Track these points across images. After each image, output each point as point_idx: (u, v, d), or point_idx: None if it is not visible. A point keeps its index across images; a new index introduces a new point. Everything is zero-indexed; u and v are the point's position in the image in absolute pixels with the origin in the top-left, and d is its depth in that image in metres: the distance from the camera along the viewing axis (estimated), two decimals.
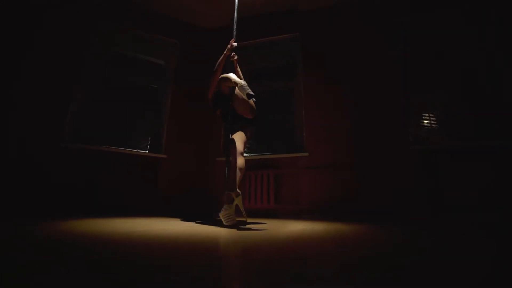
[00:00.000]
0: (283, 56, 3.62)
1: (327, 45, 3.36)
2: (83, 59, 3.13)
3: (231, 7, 3.58)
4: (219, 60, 2.19)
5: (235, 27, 2.29)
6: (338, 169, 2.89)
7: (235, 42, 2.19)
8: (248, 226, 1.78)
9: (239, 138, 1.93)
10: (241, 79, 2.10)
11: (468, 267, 0.69)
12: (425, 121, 2.93)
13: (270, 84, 3.59)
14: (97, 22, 3.28)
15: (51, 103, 2.84)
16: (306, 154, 3.01)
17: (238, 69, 2.28)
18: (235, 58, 2.23)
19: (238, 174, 1.80)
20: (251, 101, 1.94)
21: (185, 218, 2.28)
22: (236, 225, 1.69)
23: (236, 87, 1.85)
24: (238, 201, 1.76)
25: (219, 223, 1.79)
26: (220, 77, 2.01)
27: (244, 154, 3.29)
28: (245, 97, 1.81)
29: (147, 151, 3.28)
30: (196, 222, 1.95)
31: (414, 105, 2.94)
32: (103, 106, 3.20)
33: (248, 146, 2.07)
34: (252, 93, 1.78)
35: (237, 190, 1.76)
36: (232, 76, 1.90)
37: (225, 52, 2.17)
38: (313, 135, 3.11)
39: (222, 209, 1.71)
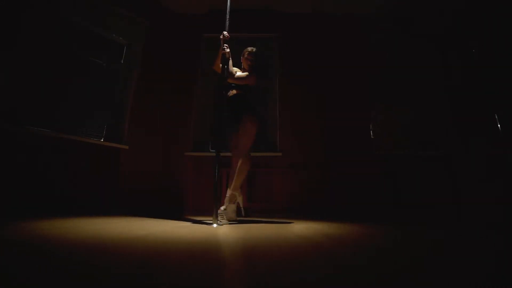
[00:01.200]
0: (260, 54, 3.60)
1: (305, 49, 3.48)
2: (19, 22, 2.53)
3: None
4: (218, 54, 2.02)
5: (228, 16, 2.15)
6: (310, 168, 3.02)
7: (227, 33, 2.05)
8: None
9: (246, 134, 1.87)
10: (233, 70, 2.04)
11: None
12: (383, 128, 3.30)
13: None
14: None
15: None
16: (280, 153, 3.06)
17: (230, 61, 2.14)
18: (227, 51, 2.05)
19: (242, 174, 1.82)
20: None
21: (158, 217, 2.05)
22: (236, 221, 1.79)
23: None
24: (240, 200, 1.84)
25: (200, 222, 1.68)
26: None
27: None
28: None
29: (102, 140, 2.86)
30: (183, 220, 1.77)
31: (379, 114, 3.28)
32: (47, 82, 2.65)
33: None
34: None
35: (239, 190, 1.85)
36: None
37: (221, 45, 1.99)
38: (286, 135, 3.17)
39: (224, 206, 1.82)
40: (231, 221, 1.77)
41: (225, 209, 1.81)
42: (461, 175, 2.89)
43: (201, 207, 2.92)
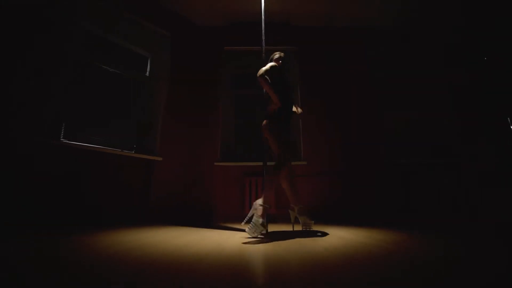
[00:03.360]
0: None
1: (322, 61, 3.66)
2: (61, 44, 2.61)
3: (229, 8, 3.57)
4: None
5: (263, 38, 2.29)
6: (332, 176, 3.19)
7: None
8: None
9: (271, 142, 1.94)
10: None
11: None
12: (397, 137, 3.52)
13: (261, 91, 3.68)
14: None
15: (34, 96, 2.29)
16: (305, 162, 3.22)
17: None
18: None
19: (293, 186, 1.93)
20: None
21: (191, 225, 2.17)
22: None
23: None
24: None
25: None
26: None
27: (247, 162, 3.30)
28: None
29: (133, 152, 2.95)
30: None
31: (390, 125, 3.49)
32: (86, 100, 2.73)
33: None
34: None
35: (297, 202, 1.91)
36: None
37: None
38: (310, 145, 3.34)
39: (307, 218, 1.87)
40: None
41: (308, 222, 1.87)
42: (472, 182, 3.13)
43: (230, 214, 3.05)
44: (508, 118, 3.28)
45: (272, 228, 2.21)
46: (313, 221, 1.89)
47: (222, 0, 3.47)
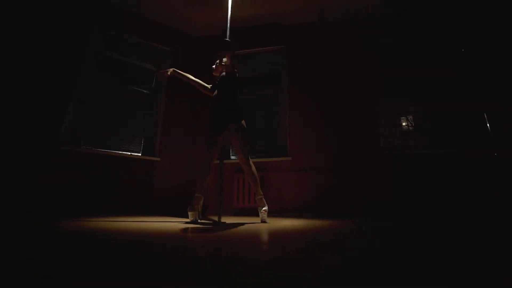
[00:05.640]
0: (267, 66, 3.89)
1: (310, 56, 3.67)
2: (79, 63, 3.28)
3: (220, 18, 3.87)
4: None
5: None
6: (319, 171, 3.21)
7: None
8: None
9: (245, 138, 2.17)
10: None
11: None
12: (392, 128, 3.31)
13: (255, 91, 3.86)
14: (92, 27, 3.44)
15: (50, 107, 2.99)
16: (290, 158, 3.31)
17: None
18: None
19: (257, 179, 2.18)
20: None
21: (185, 217, 2.51)
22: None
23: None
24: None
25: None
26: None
27: (232, 158, 3.56)
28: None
29: (140, 154, 3.47)
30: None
31: (385, 115, 3.31)
32: (98, 110, 3.36)
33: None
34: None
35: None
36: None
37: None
38: (296, 141, 3.41)
39: (264, 210, 2.11)
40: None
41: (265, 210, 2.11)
42: (479, 174, 2.78)
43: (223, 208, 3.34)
44: None
45: (255, 220, 2.42)
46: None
47: (215, 12, 3.80)
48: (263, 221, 2.07)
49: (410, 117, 3.30)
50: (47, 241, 0.99)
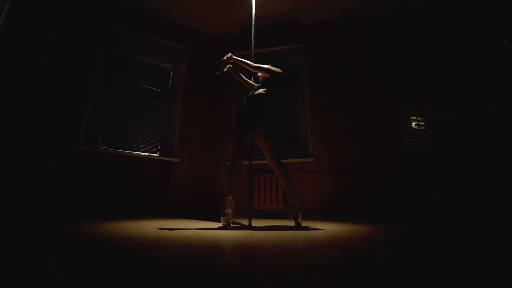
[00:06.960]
0: (286, 65, 3.82)
1: (330, 55, 3.59)
2: (95, 62, 3.21)
3: (236, 17, 3.80)
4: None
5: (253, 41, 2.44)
6: (342, 172, 3.13)
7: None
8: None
9: (271, 141, 2.12)
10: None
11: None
12: (415, 127, 3.23)
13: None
14: (107, 26, 3.37)
15: (67, 107, 2.92)
16: (312, 159, 3.23)
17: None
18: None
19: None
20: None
21: (204, 219, 2.44)
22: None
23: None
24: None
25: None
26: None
27: (253, 158, 3.49)
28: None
29: (157, 155, 3.40)
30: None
31: (408, 115, 3.23)
32: (115, 110, 3.29)
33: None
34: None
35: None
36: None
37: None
38: (317, 141, 3.33)
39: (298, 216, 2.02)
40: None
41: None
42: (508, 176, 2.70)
43: (240, 210, 3.26)
44: None
45: (280, 223, 2.35)
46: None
47: (231, 11, 3.72)
48: (298, 226, 2.00)
49: (434, 117, 3.22)
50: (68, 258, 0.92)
